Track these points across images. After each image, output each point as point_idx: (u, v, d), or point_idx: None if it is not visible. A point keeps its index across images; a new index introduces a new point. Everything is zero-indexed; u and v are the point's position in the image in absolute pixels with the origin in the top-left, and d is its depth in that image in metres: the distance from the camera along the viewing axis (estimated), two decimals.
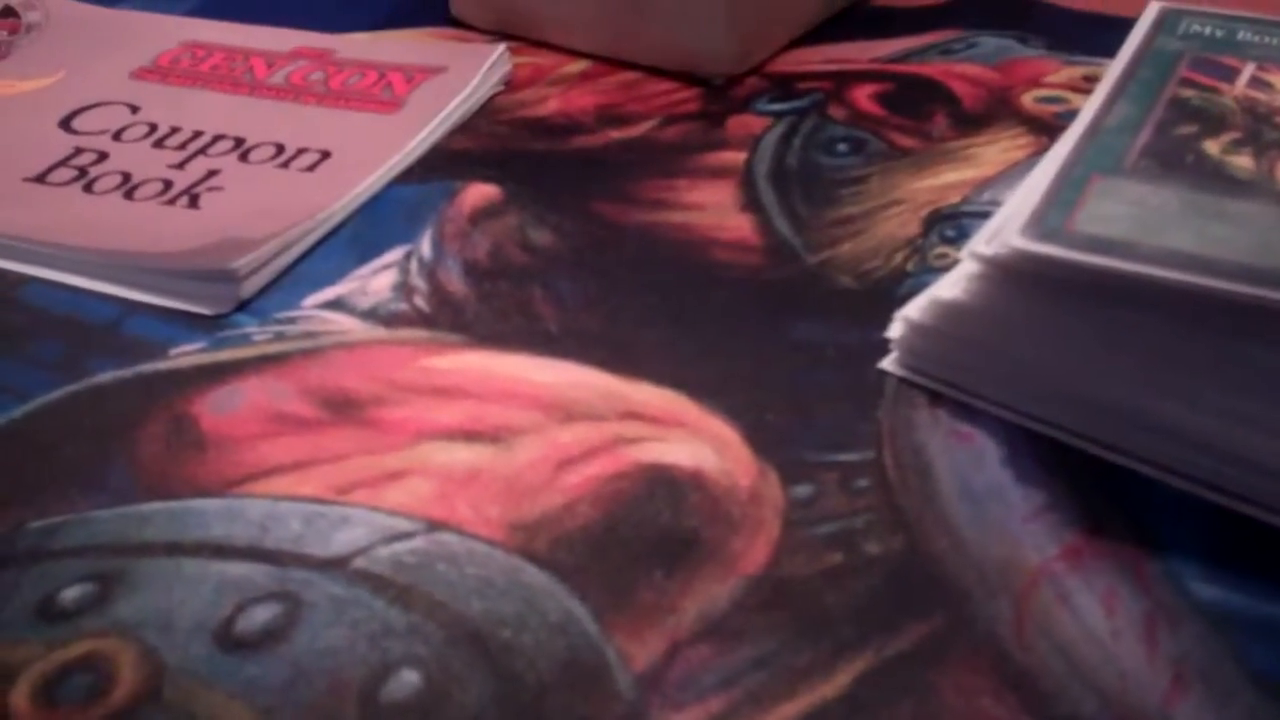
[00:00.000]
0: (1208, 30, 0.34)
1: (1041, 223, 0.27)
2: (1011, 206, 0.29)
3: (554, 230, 0.35)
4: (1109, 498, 0.26)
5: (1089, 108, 0.31)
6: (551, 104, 0.41)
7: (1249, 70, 0.32)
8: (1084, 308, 0.27)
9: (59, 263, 0.35)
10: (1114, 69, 0.33)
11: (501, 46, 0.43)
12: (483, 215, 0.36)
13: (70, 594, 0.26)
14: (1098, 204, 0.27)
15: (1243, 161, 0.29)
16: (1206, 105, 0.31)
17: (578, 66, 0.43)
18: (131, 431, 0.29)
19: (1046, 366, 0.28)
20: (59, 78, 0.44)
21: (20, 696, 0.24)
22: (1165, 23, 0.35)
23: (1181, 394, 0.26)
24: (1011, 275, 0.27)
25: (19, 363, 0.32)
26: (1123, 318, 0.26)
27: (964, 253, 0.28)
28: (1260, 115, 0.30)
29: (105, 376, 0.31)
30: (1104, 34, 0.41)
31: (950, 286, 0.28)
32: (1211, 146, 0.29)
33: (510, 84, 0.43)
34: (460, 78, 0.42)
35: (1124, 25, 0.39)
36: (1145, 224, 0.26)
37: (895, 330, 0.30)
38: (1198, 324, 0.26)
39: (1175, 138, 0.30)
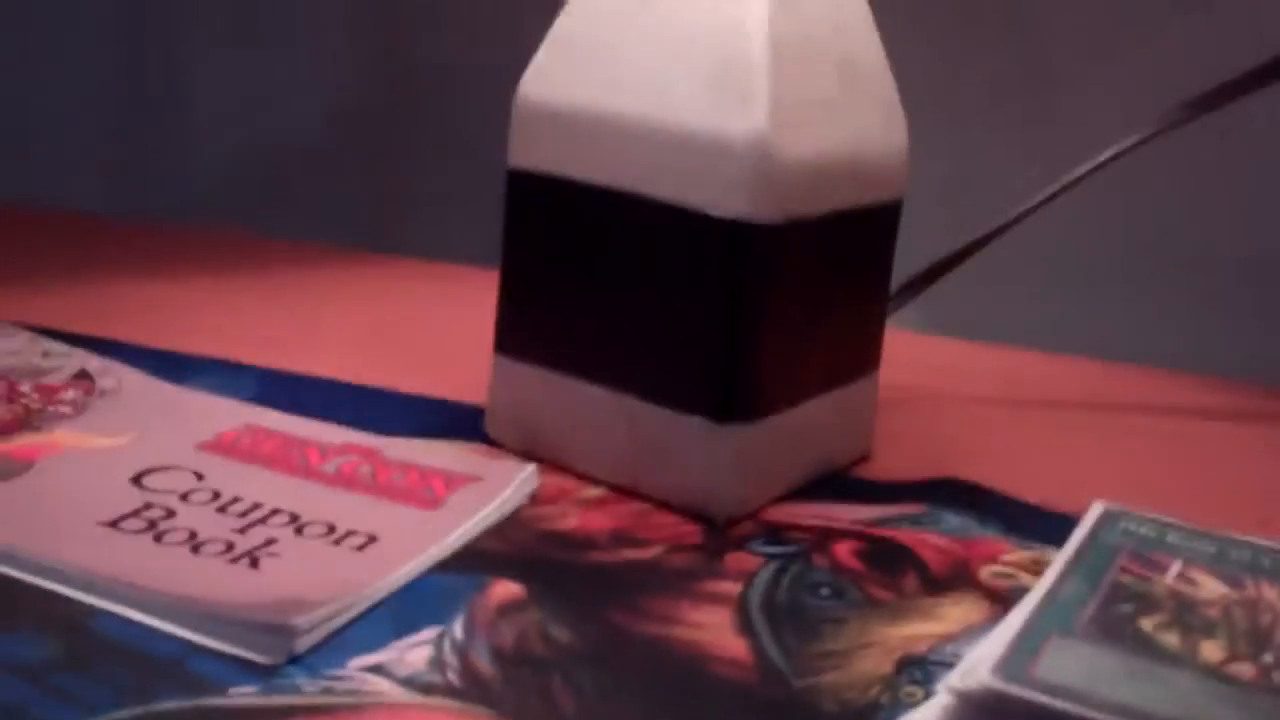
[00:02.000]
0: (1142, 530, 0.41)
1: (1007, 667, 0.32)
2: (980, 652, 0.34)
3: (572, 630, 0.40)
4: None
5: (1046, 580, 0.37)
6: (572, 521, 0.47)
7: (1176, 567, 0.39)
8: None
9: (129, 601, 0.39)
10: (1066, 551, 0.39)
11: (531, 466, 0.49)
12: (509, 609, 0.41)
13: None
14: (1053, 657, 0.33)
15: (1171, 639, 0.34)
16: (1142, 590, 0.37)
17: (595, 492, 0.49)
18: None
19: None
20: (130, 439, 0.50)
21: None
22: (1107, 520, 0.42)
23: None
24: (979, 710, 0.32)
25: (88, 682, 0.36)
26: None
27: (940, 687, 0.33)
28: (1185, 604, 0.36)
29: (169, 704, 0.35)
30: (1050, 524, 0.48)
31: (925, 716, 0.33)
32: (1146, 623, 0.35)
33: (536, 498, 0.48)
34: (493, 488, 0.47)
35: (1067, 519, 0.45)
36: (1094, 678, 0.32)
37: None
38: None
39: (1117, 613, 0.35)
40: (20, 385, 0.54)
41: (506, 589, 0.42)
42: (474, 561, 0.44)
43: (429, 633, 0.39)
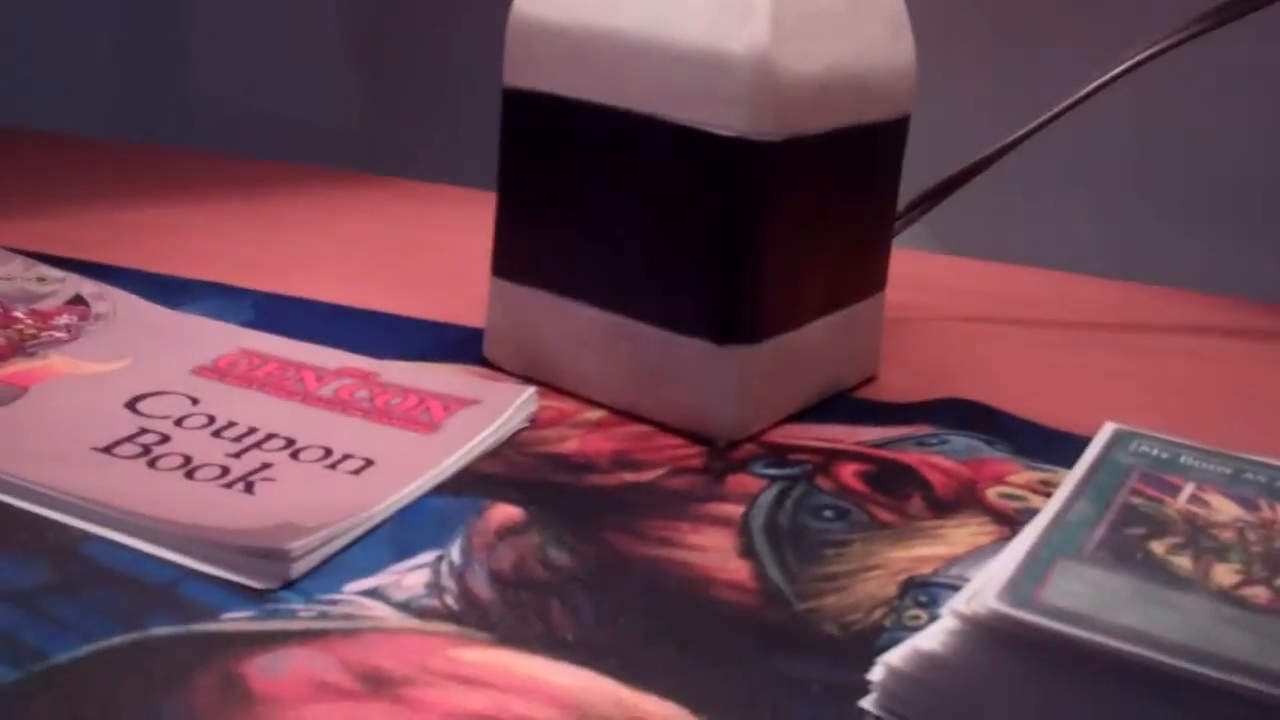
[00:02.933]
0: (1154, 451, 0.40)
1: (1014, 591, 0.31)
2: (986, 576, 0.33)
3: (571, 553, 0.40)
4: None
5: (1054, 502, 0.36)
6: (571, 444, 0.46)
7: (1189, 488, 0.38)
8: (1047, 670, 0.31)
9: (122, 526, 0.38)
10: (1075, 473, 0.38)
11: (531, 389, 0.48)
12: (507, 532, 0.40)
13: None
14: (1061, 582, 0.32)
15: (1183, 562, 0.34)
16: (1153, 513, 0.36)
17: (595, 415, 0.49)
18: (186, 681, 0.32)
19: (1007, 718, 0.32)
20: (125, 364, 0.49)
21: None
22: (1119, 440, 0.41)
23: None
24: (985, 633, 0.31)
25: (80, 608, 0.35)
26: (1079, 681, 0.30)
27: (945, 610, 0.32)
28: (1198, 526, 0.36)
29: (162, 630, 0.34)
30: (1060, 446, 0.48)
31: (930, 639, 0.33)
32: (1157, 547, 0.34)
33: (535, 422, 0.48)
34: (492, 411, 0.47)
35: (1078, 440, 0.45)
36: (1101, 603, 0.31)
37: (876, 674, 0.33)
38: (1141, 692, 0.30)
39: (1127, 536, 0.35)
40: (14, 310, 0.53)
41: (505, 512, 0.41)
42: (472, 485, 0.43)
43: (426, 556, 0.39)
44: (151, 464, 0.42)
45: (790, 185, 0.46)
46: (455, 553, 0.39)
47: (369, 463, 0.43)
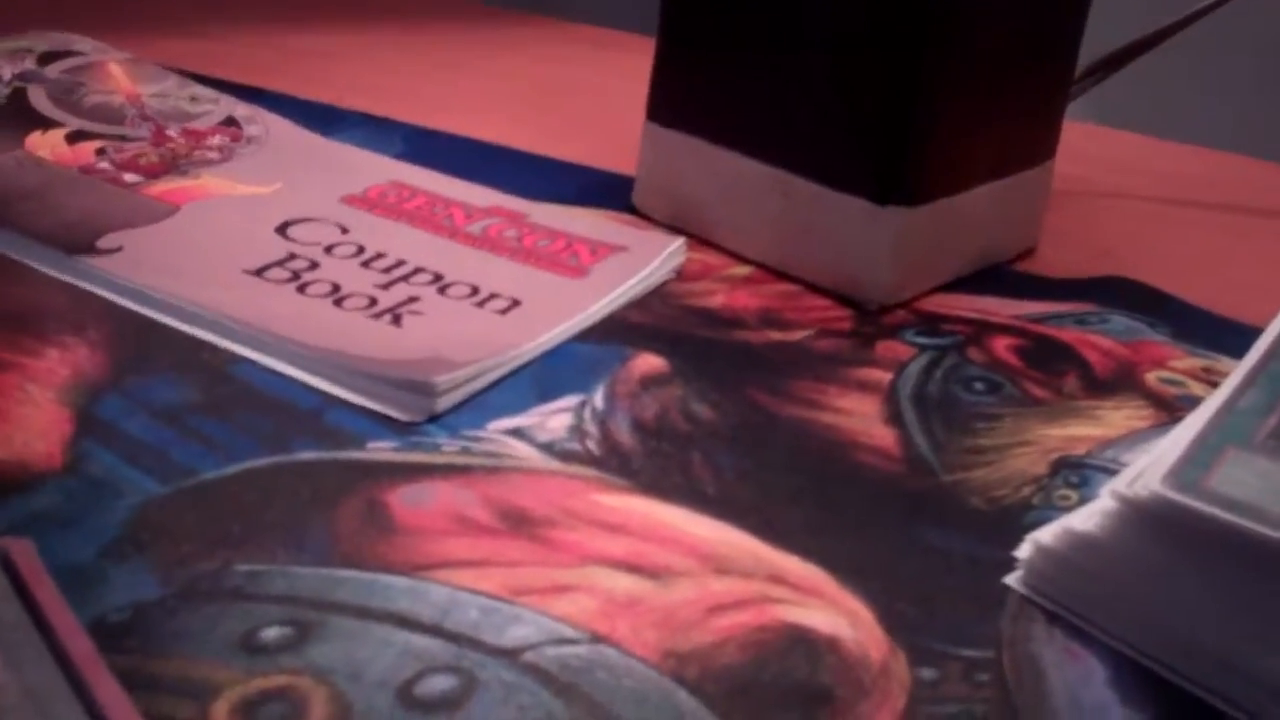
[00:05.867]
0: None
1: (1179, 476, 0.30)
2: (1149, 460, 0.32)
3: (714, 407, 0.39)
4: None
5: (1224, 389, 0.35)
6: (718, 298, 0.45)
7: None
8: (1208, 561, 0.30)
9: (271, 350, 0.39)
10: (1247, 361, 0.36)
11: (680, 239, 0.47)
12: (651, 382, 0.40)
13: (270, 633, 0.29)
14: (1229, 470, 0.31)
15: None
16: None
17: (743, 270, 0.48)
18: (330, 505, 0.33)
19: (1162, 610, 0.31)
20: (276, 188, 0.49)
21: (221, 712, 0.27)
22: None
23: None
24: (1146, 518, 0.30)
25: (229, 428, 0.36)
26: (1242, 575, 0.29)
27: (1103, 491, 0.31)
28: None
29: (308, 454, 0.35)
30: (1225, 333, 0.46)
31: (1084, 519, 0.31)
32: None
33: (681, 274, 0.47)
34: (640, 259, 0.46)
35: (1243, 328, 0.43)
36: (1271, 493, 0.30)
37: (1024, 551, 0.33)
38: None
39: None
40: (168, 129, 0.53)
41: (649, 362, 0.41)
42: (617, 332, 0.42)
43: (570, 400, 0.38)
44: (301, 289, 0.42)
45: (969, 41, 0.44)
46: (599, 399, 0.39)
47: (516, 303, 0.42)
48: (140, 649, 0.28)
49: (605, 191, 0.53)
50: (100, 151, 0.50)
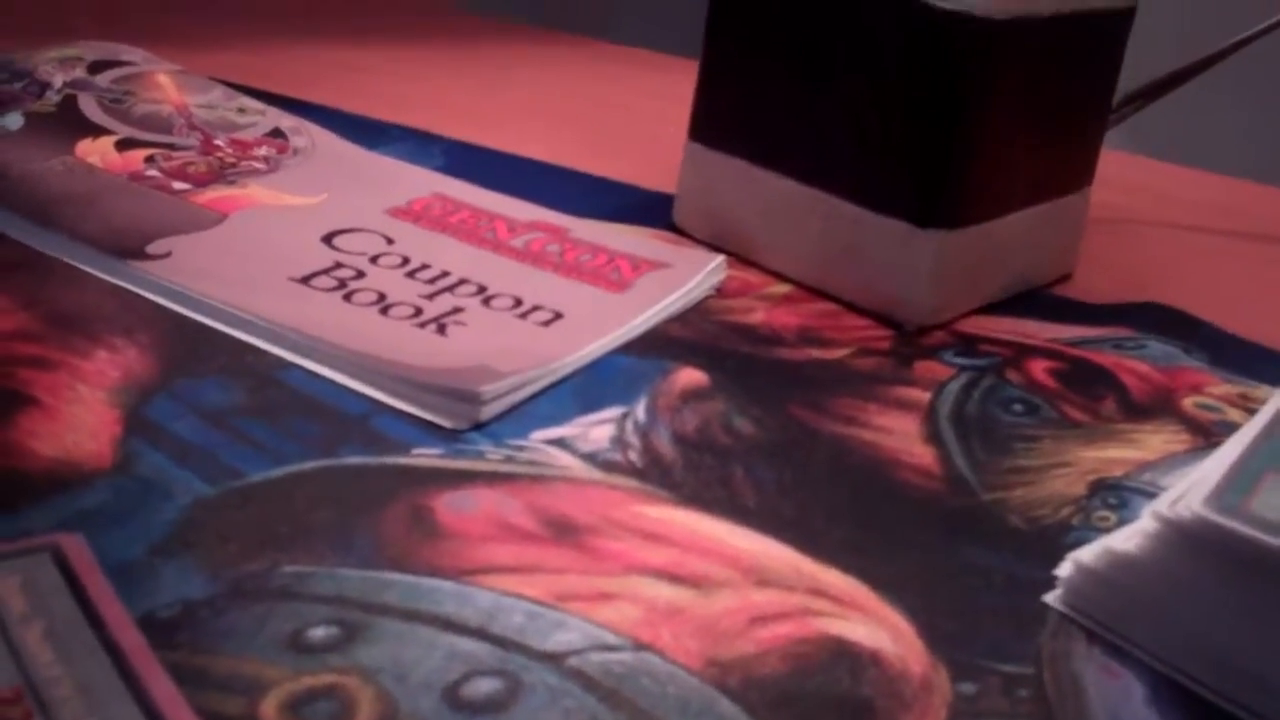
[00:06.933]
0: None
1: (1221, 499, 0.30)
2: (1189, 482, 0.32)
3: (755, 422, 0.39)
4: None
5: (1263, 414, 0.35)
6: (758, 315, 0.46)
7: None
8: (1248, 582, 0.30)
9: (319, 356, 0.39)
10: None
11: (721, 256, 0.48)
12: (692, 396, 0.40)
13: (318, 633, 0.29)
14: (1270, 494, 0.31)
15: None
16: None
17: (782, 289, 0.48)
18: (377, 509, 0.33)
19: (1201, 629, 0.31)
20: (322, 199, 0.50)
21: (270, 708, 0.27)
22: None
23: None
24: (1187, 539, 0.30)
25: (276, 432, 0.36)
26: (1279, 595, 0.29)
27: (1145, 512, 0.31)
28: None
29: (354, 459, 0.35)
30: (1261, 362, 0.46)
31: (1125, 539, 0.32)
32: None
33: (721, 291, 0.47)
34: (681, 275, 0.46)
35: (1278, 356, 0.43)
36: None
37: (1064, 569, 0.33)
38: None
39: None
40: (215, 138, 0.54)
41: (690, 376, 0.41)
42: (658, 347, 0.43)
43: (612, 412, 0.39)
44: (347, 298, 0.42)
45: (1009, 67, 0.44)
46: (640, 411, 0.39)
47: (558, 315, 0.43)
48: (189, 645, 0.28)
49: (645, 209, 0.53)
50: (149, 159, 0.51)
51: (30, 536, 0.31)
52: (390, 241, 0.47)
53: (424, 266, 0.45)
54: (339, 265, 0.44)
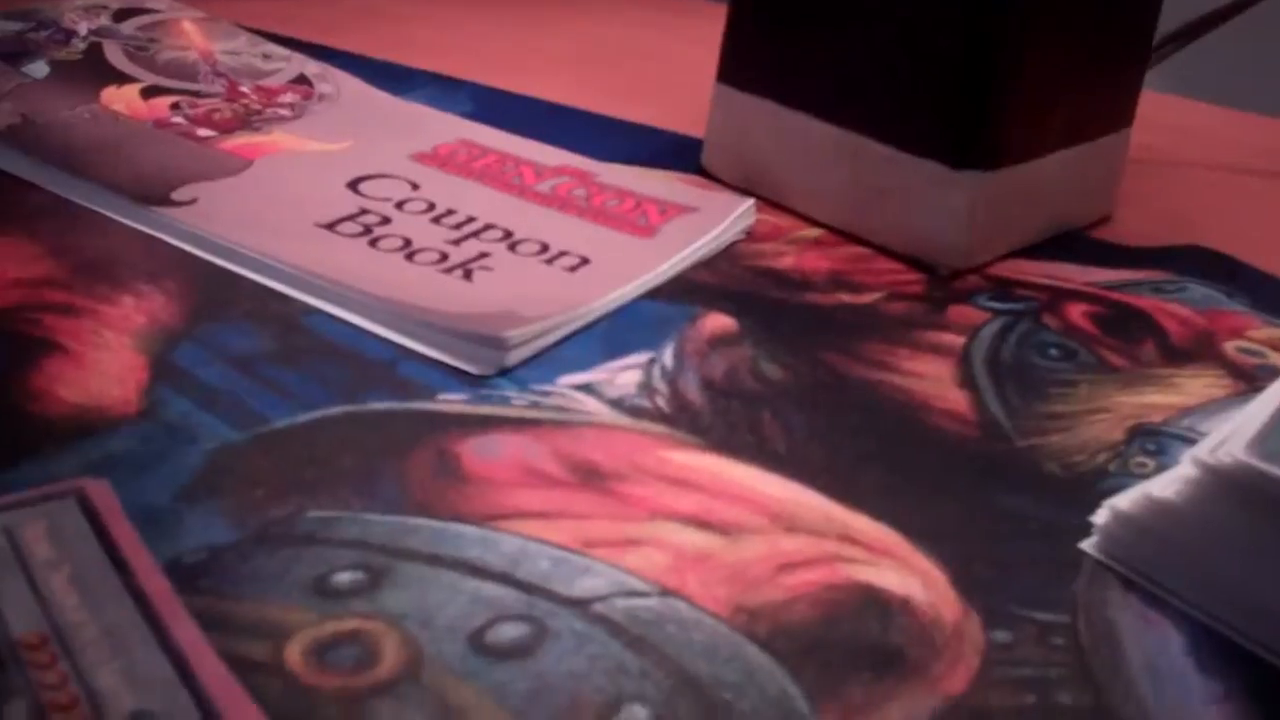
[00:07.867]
0: None
1: (1264, 444, 0.30)
2: (1231, 428, 0.31)
3: (784, 367, 0.39)
4: None
5: None
6: (788, 260, 0.45)
7: None
8: None
9: (345, 302, 0.39)
10: None
11: (750, 200, 0.47)
12: (720, 342, 0.40)
13: (342, 577, 0.29)
14: None
15: None
16: None
17: (813, 232, 0.47)
18: (402, 455, 0.33)
19: (1241, 577, 0.30)
20: (347, 145, 0.49)
21: (294, 653, 0.27)
22: None
23: None
24: (1228, 485, 0.30)
25: (302, 377, 0.36)
26: None
27: (1184, 458, 0.31)
28: None
29: (380, 405, 0.35)
30: None
31: (1164, 486, 0.31)
32: None
33: (751, 235, 0.46)
34: (709, 219, 0.46)
35: None
36: None
37: (1101, 516, 0.32)
38: None
39: None
40: (241, 85, 0.54)
41: (718, 321, 0.41)
42: (686, 292, 0.42)
43: (639, 357, 0.38)
44: (373, 244, 0.42)
45: (1047, 6, 0.43)
46: (667, 357, 0.38)
47: (585, 261, 0.42)
48: (214, 590, 0.28)
49: (674, 153, 0.53)
50: (174, 106, 0.50)
51: (56, 482, 0.31)
52: (416, 187, 0.46)
53: (450, 212, 0.45)
54: (364, 211, 0.44)
